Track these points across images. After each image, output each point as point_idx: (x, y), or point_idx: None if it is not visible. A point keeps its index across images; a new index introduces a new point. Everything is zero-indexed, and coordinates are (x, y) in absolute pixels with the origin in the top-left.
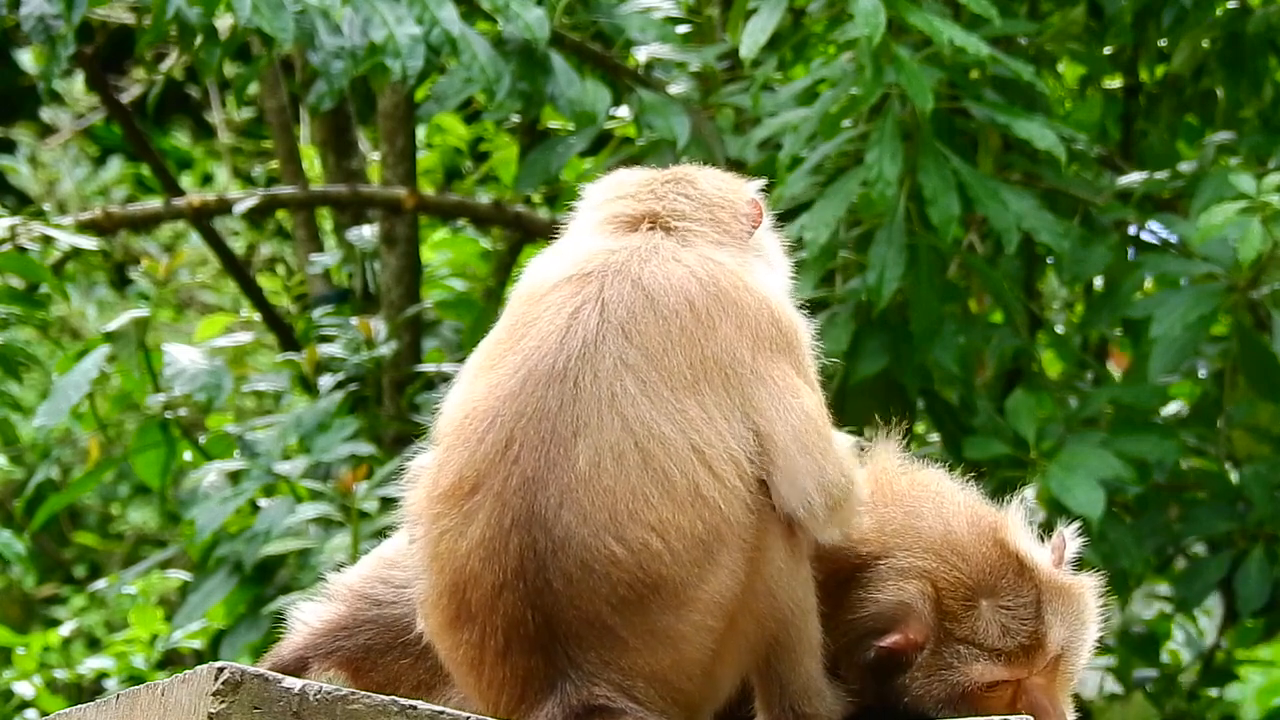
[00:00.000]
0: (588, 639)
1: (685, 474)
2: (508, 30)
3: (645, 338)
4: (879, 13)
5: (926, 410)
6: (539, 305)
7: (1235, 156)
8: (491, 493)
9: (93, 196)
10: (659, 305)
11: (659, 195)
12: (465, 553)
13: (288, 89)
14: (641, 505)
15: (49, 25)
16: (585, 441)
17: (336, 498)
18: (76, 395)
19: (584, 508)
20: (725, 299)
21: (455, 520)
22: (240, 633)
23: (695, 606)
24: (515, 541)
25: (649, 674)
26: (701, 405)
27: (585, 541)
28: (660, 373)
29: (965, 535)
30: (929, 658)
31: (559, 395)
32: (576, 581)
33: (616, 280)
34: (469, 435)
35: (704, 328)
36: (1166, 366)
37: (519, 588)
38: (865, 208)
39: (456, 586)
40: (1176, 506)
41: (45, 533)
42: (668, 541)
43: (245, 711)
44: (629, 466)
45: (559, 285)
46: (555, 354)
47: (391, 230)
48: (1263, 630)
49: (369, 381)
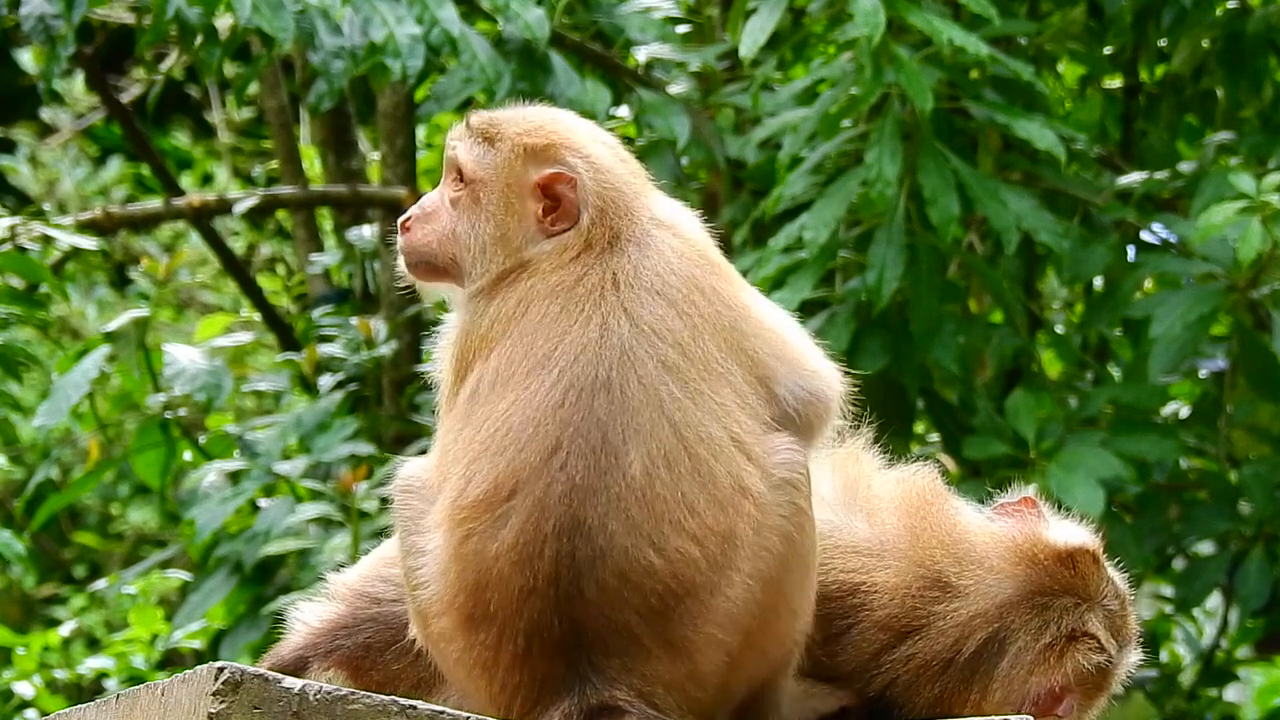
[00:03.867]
0: (613, 646)
1: (729, 471)
2: (508, 30)
3: (675, 334)
4: (879, 12)
5: (926, 410)
6: (555, 326)
7: (1235, 156)
8: (531, 498)
9: (93, 196)
10: (674, 299)
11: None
12: (494, 555)
13: (288, 89)
14: (686, 514)
15: (49, 25)
16: (638, 449)
17: (336, 498)
18: (76, 395)
19: (632, 516)
20: (708, 263)
21: (486, 524)
22: (240, 633)
23: (715, 615)
24: (552, 548)
25: (669, 681)
26: (733, 386)
27: (627, 551)
28: (697, 367)
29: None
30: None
31: (607, 404)
32: (611, 591)
33: (629, 293)
34: (505, 445)
35: (710, 300)
36: (1166, 366)
37: (549, 594)
38: (865, 208)
39: (478, 588)
40: (1176, 506)
41: (45, 533)
42: (705, 548)
43: (245, 711)
44: (681, 472)
45: (569, 296)
46: (596, 364)
47: (391, 230)
48: (1263, 630)
49: (369, 381)
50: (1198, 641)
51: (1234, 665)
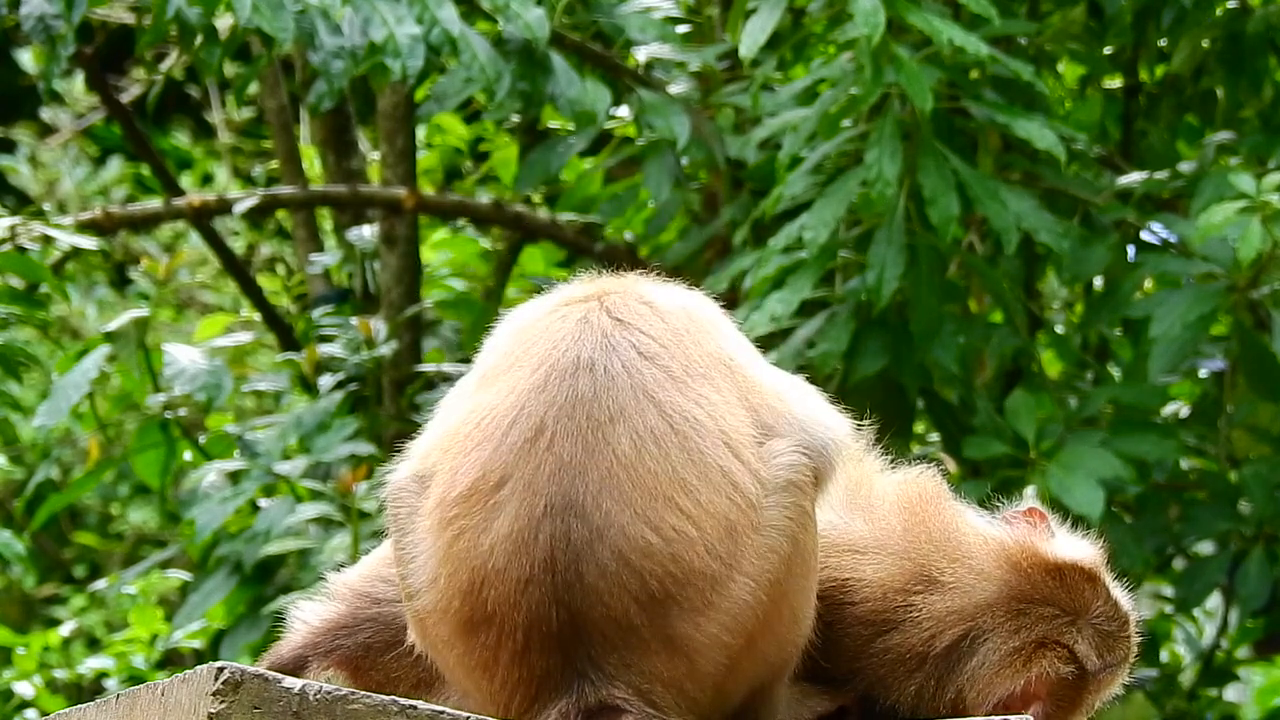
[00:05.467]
0: (613, 639)
1: (718, 460)
2: (508, 30)
3: (656, 332)
4: (879, 12)
5: (926, 410)
6: (535, 328)
7: (1235, 156)
8: (522, 483)
9: (93, 196)
10: (660, 309)
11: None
12: (488, 547)
13: (288, 89)
14: (679, 490)
15: (49, 25)
16: (624, 425)
17: (336, 498)
18: (76, 395)
19: (625, 492)
20: (711, 314)
21: (477, 518)
22: (240, 633)
23: (716, 612)
24: (546, 530)
25: (668, 680)
26: (719, 391)
27: (624, 529)
28: (679, 362)
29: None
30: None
31: (590, 383)
32: (610, 574)
33: (615, 296)
34: (487, 435)
35: (702, 329)
36: (1166, 366)
37: (546, 581)
38: (865, 207)
39: (473, 586)
40: (1176, 506)
41: (45, 533)
42: (701, 530)
43: (245, 711)
44: (669, 449)
45: (553, 310)
46: (576, 348)
47: (391, 230)
48: (1263, 630)
49: (369, 381)
50: (1198, 641)
51: (1234, 665)
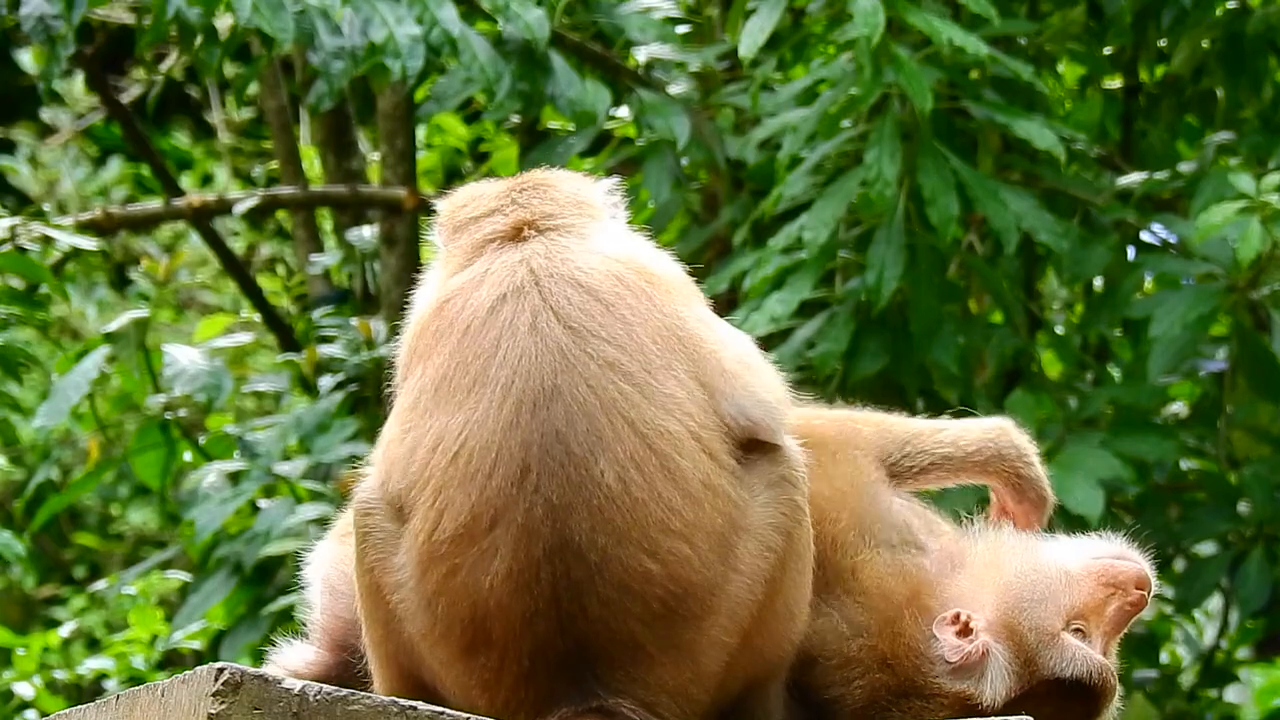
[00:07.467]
0: (618, 658)
1: (695, 467)
2: (508, 30)
3: (609, 329)
4: (878, 13)
5: (926, 410)
6: (483, 333)
7: (1235, 156)
8: (515, 525)
9: (93, 196)
10: (601, 296)
11: (522, 204)
12: (489, 587)
13: (288, 89)
14: (667, 513)
15: (49, 25)
16: (605, 456)
17: (336, 498)
18: (76, 396)
19: (616, 526)
20: (644, 272)
21: (472, 559)
22: (240, 633)
23: (717, 614)
24: (547, 572)
25: (673, 688)
26: (679, 382)
27: (622, 561)
28: (637, 360)
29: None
30: None
31: (563, 414)
32: (613, 605)
33: (551, 285)
34: (468, 476)
35: (644, 301)
36: (1166, 366)
37: (551, 614)
38: (865, 208)
39: (475, 617)
40: (1176, 506)
41: (45, 533)
42: (695, 545)
43: (245, 712)
44: (651, 472)
45: (494, 308)
46: (538, 373)
47: (391, 230)
48: (1263, 630)
49: (369, 382)
50: (1198, 642)
51: (1234, 666)
